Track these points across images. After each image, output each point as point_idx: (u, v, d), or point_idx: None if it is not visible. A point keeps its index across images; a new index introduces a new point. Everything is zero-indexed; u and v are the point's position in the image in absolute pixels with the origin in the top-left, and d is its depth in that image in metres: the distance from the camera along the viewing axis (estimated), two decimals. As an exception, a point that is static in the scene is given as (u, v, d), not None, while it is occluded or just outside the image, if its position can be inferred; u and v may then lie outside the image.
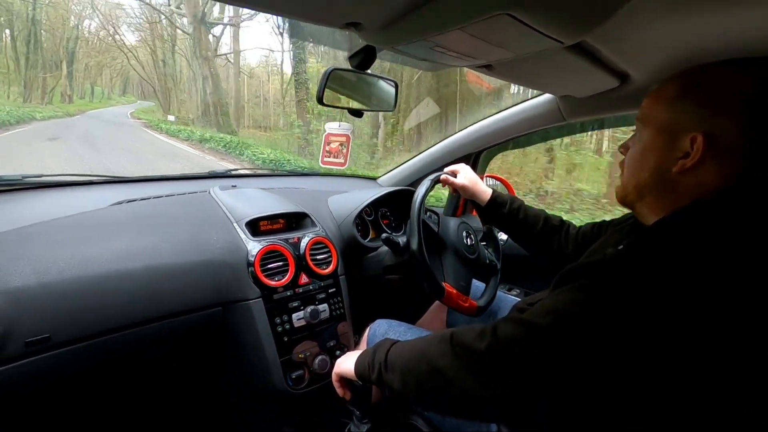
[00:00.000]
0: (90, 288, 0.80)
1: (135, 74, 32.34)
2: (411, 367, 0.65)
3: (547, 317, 0.53)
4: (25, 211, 0.96)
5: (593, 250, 0.78)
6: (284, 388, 0.98)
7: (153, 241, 0.93)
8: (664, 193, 0.60)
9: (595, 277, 0.53)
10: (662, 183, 0.60)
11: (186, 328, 0.92)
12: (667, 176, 0.59)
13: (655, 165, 0.60)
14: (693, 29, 0.63)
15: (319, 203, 1.32)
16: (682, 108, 0.58)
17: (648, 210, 0.63)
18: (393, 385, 0.67)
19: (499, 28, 0.56)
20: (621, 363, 0.50)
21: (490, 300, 1.08)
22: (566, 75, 0.92)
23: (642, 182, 0.63)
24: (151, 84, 23.49)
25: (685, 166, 0.56)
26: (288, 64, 18.16)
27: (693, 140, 0.55)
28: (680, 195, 0.58)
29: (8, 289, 0.72)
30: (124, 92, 34.89)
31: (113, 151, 9.95)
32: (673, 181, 0.58)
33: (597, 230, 0.94)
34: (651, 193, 0.62)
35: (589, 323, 0.51)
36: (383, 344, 0.74)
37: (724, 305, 0.47)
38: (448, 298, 0.96)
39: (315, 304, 1.06)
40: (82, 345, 0.78)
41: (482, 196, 1.05)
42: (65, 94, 22.94)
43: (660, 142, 0.60)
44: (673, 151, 0.58)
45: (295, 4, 0.59)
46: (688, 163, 0.56)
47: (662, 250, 0.52)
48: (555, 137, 3.58)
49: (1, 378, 0.70)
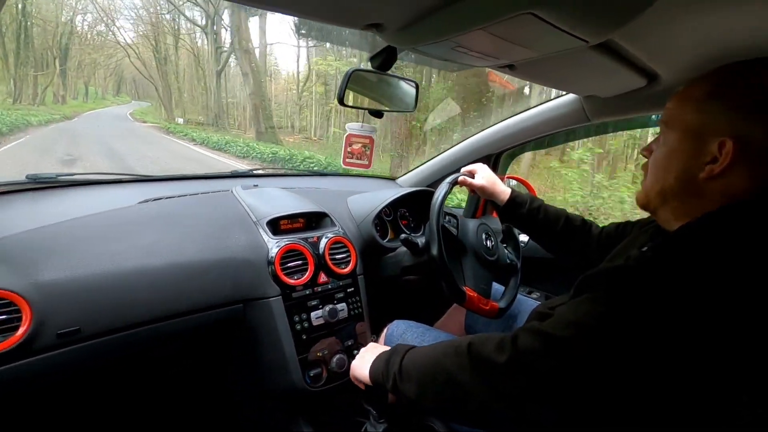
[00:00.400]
0: (118, 283, 0.83)
1: (129, 73, 30.60)
2: (427, 378, 0.64)
3: (567, 329, 0.52)
4: (58, 208, 1.00)
5: (617, 252, 0.76)
6: (303, 386, 0.99)
7: (177, 239, 0.95)
8: (690, 198, 0.58)
9: (617, 287, 0.52)
10: (688, 189, 0.57)
11: (208, 324, 0.94)
12: (693, 182, 0.56)
13: (680, 170, 0.58)
14: (724, 25, 0.61)
15: (339, 203, 1.33)
16: (710, 110, 0.55)
17: (671, 215, 0.61)
18: (409, 394, 0.66)
19: (523, 27, 0.55)
20: (641, 371, 0.49)
21: (511, 301, 1.07)
22: (591, 74, 0.90)
23: (666, 187, 0.60)
24: (153, 83, 22.37)
25: (713, 172, 0.54)
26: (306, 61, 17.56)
27: (722, 145, 0.53)
28: (707, 201, 0.56)
29: (41, 282, 0.75)
30: (118, 92, 33.12)
31: (154, 173, 8.81)
32: (700, 186, 0.56)
33: (621, 231, 0.92)
34: (676, 198, 0.60)
35: (611, 336, 0.49)
36: (398, 351, 0.73)
37: (751, 314, 0.46)
38: (469, 302, 0.96)
39: (333, 303, 1.07)
40: (109, 338, 0.81)
41: (501, 196, 1.04)
42: (58, 94, 21.25)
43: (686, 146, 0.57)
44: (700, 156, 0.55)
45: (317, 6, 0.60)
46: (716, 169, 0.53)
47: (689, 257, 0.50)
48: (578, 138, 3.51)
49: (33, 368, 0.73)
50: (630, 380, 0.50)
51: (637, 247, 0.69)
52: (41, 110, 16.07)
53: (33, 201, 1.02)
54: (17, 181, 1.07)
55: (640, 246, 0.67)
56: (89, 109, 22.21)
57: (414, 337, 1.03)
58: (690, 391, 0.50)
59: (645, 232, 0.75)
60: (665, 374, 0.49)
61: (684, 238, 0.55)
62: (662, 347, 0.48)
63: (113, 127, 15.66)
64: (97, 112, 22.00)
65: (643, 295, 0.49)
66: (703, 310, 0.46)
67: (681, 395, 0.50)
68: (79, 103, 24.18)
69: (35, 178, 1.09)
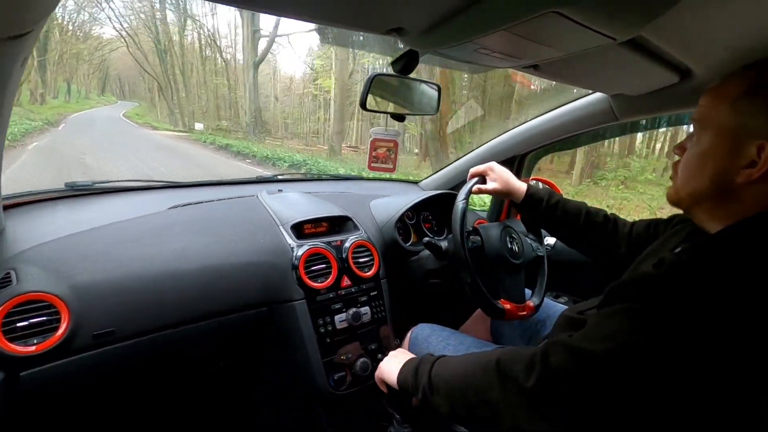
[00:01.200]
0: (150, 285, 0.86)
1: (114, 70, 27.64)
2: (457, 394, 0.64)
3: (599, 344, 0.50)
4: (94, 214, 1.04)
5: (648, 254, 0.73)
6: (327, 389, 1.00)
7: (206, 243, 0.98)
8: (725, 202, 0.55)
9: (649, 298, 0.50)
10: (723, 192, 0.55)
11: (235, 326, 0.96)
12: (728, 185, 0.54)
13: (715, 172, 0.55)
14: (761, 15, 0.58)
15: (362, 207, 1.34)
16: (747, 110, 0.52)
17: (707, 216, 0.58)
18: (441, 410, 0.66)
19: (547, 26, 0.54)
20: (674, 384, 0.48)
21: (542, 294, 1.06)
22: (620, 73, 0.87)
23: (699, 190, 0.57)
24: (156, 79, 19.55)
25: (751, 177, 0.51)
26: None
27: (761, 148, 0.50)
28: (744, 205, 0.53)
29: (78, 285, 0.79)
30: (103, 91, 29.43)
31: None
32: (736, 190, 0.53)
33: (654, 230, 0.88)
34: (709, 200, 0.57)
35: (645, 352, 0.48)
36: (426, 360, 0.73)
37: None
38: (508, 314, 0.95)
39: (357, 306, 1.08)
40: (142, 339, 0.84)
41: (518, 194, 1.01)
42: (35, 92, 17.35)
43: (721, 147, 0.54)
44: (736, 159, 0.52)
45: (339, 12, 0.61)
46: (755, 174, 0.51)
47: (724, 266, 0.48)
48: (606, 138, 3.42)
49: (69, 368, 0.76)
50: (662, 393, 0.49)
51: (669, 249, 0.67)
52: (17, 114, 11.36)
53: (71, 207, 1.07)
54: (56, 189, 1.12)
55: (673, 248, 0.65)
56: (74, 111, 18.76)
57: (439, 340, 1.02)
58: (718, 395, 0.48)
59: (677, 233, 0.72)
60: (698, 384, 0.47)
61: (719, 246, 0.53)
62: (697, 359, 0.46)
63: (120, 135, 12.80)
64: (88, 114, 18.76)
65: (677, 306, 0.47)
66: (735, 319, 0.45)
67: (709, 400, 0.48)
68: (60, 103, 20.65)
69: (73, 186, 1.14)
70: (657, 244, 0.75)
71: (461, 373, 0.65)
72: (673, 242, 0.69)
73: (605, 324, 0.52)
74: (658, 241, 0.75)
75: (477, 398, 0.60)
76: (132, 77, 28.41)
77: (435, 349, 1.01)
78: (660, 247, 0.72)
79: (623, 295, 0.54)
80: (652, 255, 0.72)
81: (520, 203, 1.02)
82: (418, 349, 1.04)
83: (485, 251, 1.00)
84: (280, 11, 0.61)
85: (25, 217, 0.98)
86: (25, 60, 0.63)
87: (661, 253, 0.67)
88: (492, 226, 1.05)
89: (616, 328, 0.50)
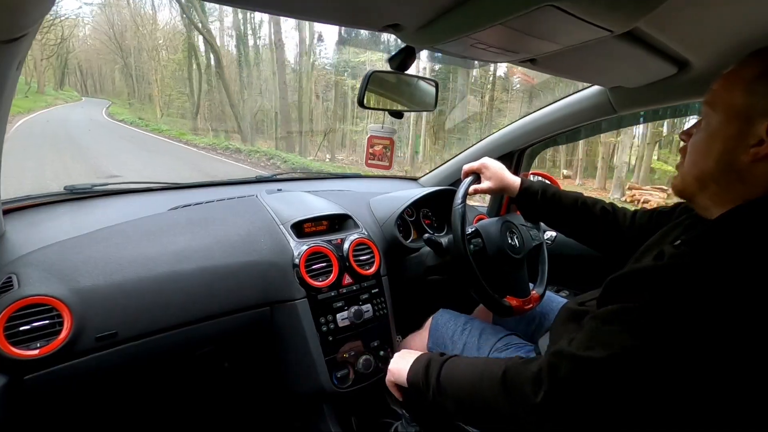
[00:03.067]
0: (152, 287, 0.86)
1: (74, 61, 22.32)
2: (465, 400, 0.65)
3: (601, 350, 0.51)
4: (94, 217, 1.04)
5: (649, 246, 0.73)
6: (330, 387, 1.00)
7: (207, 243, 0.98)
8: (731, 184, 0.55)
9: (647, 296, 0.50)
10: (729, 172, 0.55)
11: (237, 326, 0.97)
12: (735, 165, 0.54)
13: (722, 152, 0.55)
14: (758, 5, 0.58)
15: (361, 204, 1.34)
16: (761, 91, 0.52)
17: (711, 202, 0.58)
18: (450, 411, 0.67)
19: (543, 20, 0.54)
20: (679, 382, 0.48)
21: (545, 282, 1.08)
22: (617, 65, 0.87)
23: (706, 171, 0.58)
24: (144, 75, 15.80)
25: (758, 154, 0.51)
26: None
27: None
28: (750, 186, 0.53)
29: (80, 288, 0.79)
30: (62, 85, 23.34)
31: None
32: (743, 170, 0.54)
33: (656, 220, 0.88)
34: (716, 183, 0.57)
35: (647, 354, 0.48)
36: (435, 361, 0.74)
37: None
38: (516, 311, 0.96)
39: (358, 304, 1.08)
40: (144, 341, 0.84)
41: (513, 188, 1.01)
42: None
43: (731, 128, 0.54)
44: (745, 138, 0.53)
45: (336, 9, 0.60)
46: (762, 151, 0.51)
47: (728, 252, 0.48)
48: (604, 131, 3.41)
49: (72, 371, 0.76)
50: (669, 393, 0.49)
51: (669, 241, 0.66)
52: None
53: (71, 211, 1.07)
54: (56, 193, 1.12)
55: (673, 240, 0.65)
56: (25, 111, 14.05)
57: (456, 326, 1.04)
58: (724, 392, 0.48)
59: (679, 224, 0.72)
60: (704, 382, 0.47)
61: (721, 231, 0.53)
62: (701, 357, 0.46)
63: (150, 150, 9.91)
64: (50, 115, 14.54)
65: (676, 304, 0.47)
66: (737, 314, 0.44)
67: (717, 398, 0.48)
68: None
69: (72, 189, 1.14)
70: (658, 235, 0.74)
71: (468, 380, 0.66)
72: (675, 234, 0.69)
73: (605, 329, 0.52)
74: (659, 233, 0.75)
75: (484, 406, 0.62)
76: (96, 69, 23.26)
77: (453, 333, 1.02)
78: (661, 238, 0.72)
79: (621, 292, 0.54)
80: (654, 246, 0.71)
81: (515, 198, 1.02)
82: (439, 335, 1.05)
83: (487, 252, 1.00)
84: (276, 9, 0.61)
85: (25, 221, 0.98)
86: (20, 63, 0.63)
87: (661, 246, 0.67)
88: (491, 223, 1.05)
89: (616, 332, 0.50)
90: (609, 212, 0.96)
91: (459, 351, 0.98)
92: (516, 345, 0.96)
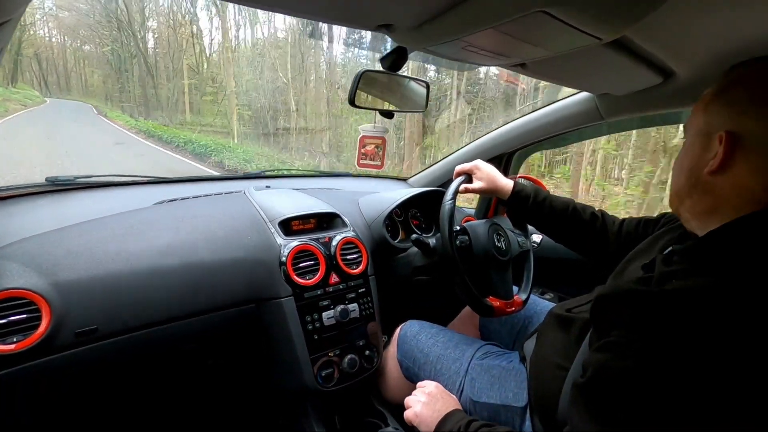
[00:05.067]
0: (134, 282, 0.84)
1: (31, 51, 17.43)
2: None
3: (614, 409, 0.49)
4: (77, 210, 1.02)
5: (637, 252, 0.74)
6: (314, 385, 1.00)
7: (192, 239, 0.96)
8: (700, 196, 0.58)
9: (646, 332, 0.49)
10: (696, 185, 0.58)
11: (222, 323, 0.95)
12: (700, 180, 0.57)
13: (689, 169, 0.59)
14: (741, 19, 0.59)
15: (350, 203, 1.33)
16: (714, 109, 0.57)
17: (689, 214, 0.61)
18: None
19: (534, 25, 0.55)
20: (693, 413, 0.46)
21: (530, 289, 1.08)
22: (605, 72, 0.88)
23: (680, 187, 0.62)
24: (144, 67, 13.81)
25: (713, 166, 0.54)
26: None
27: (719, 139, 0.54)
28: (718, 198, 0.55)
29: (60, 281, 0.77)
30: (14, 82, 17.24)
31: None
32: (707, 182, 0.56)
33: (643, 228, 0.90)
34: (689, 197, 0.60)
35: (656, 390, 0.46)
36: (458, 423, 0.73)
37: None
38: (497, 311, 0.97)
39: (345, 303, 1.07)
40: (126, 337, 0.83)
41: (504, 191, 1.02)
42: None
43: (696, 146, 0.59)
44: (706, 153, 0.57)
45: (329, 7, 0.60)
46: (715, 163, 0.54)
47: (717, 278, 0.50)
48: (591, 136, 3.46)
49: (51, 366, 0.74)
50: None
51: (658, 249, 0.68)
52: None
53: (52, 203, 1.05)
54: (37, 184, 1.09)
55: (662, 248, 0.66)
56: None
57: (428, 337, 1.03)
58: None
59: (667, 232, 0.74)
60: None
61: (707, 258, 0.54)
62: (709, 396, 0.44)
63: None
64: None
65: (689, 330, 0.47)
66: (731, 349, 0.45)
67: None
68: None
69: (54, 181, 1.12)
70: (646, 243, 0.76)
71: None
72: (662, 242, 0.71)
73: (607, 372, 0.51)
74: (646, 240, 0.77)
75: None
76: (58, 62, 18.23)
77: (424, 346, 1.02)
78: (649, 246, 0.73)
79: (614, 315, 0.55)
80: (642, 254, 0.73)
81: (506, 200, 1.03)
82: (408, 347, 1.05)
83: (473, 250, 1.01)
84: (267, 5, 0.60)
85: (3, 212, 0.95)
86: (2, 51, 0.62)
87: (650, 254, 0.69)
88: (479, 224, 1.06)
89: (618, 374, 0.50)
90: (598, 218, 0.98)
91: (432, 363, 0.98)
92: (495, 353, 0.97)
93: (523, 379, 0.86)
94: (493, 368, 0.91)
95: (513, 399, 0.84)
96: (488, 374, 0.90)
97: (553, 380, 0.73)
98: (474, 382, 0.90)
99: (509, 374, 0.89)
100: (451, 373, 0.94)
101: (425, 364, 0.99)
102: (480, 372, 0.91)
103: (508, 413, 0.84)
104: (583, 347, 0.69)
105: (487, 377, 0.90)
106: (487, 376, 0.90)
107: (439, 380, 0.93)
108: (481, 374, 0.91)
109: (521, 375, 0.87)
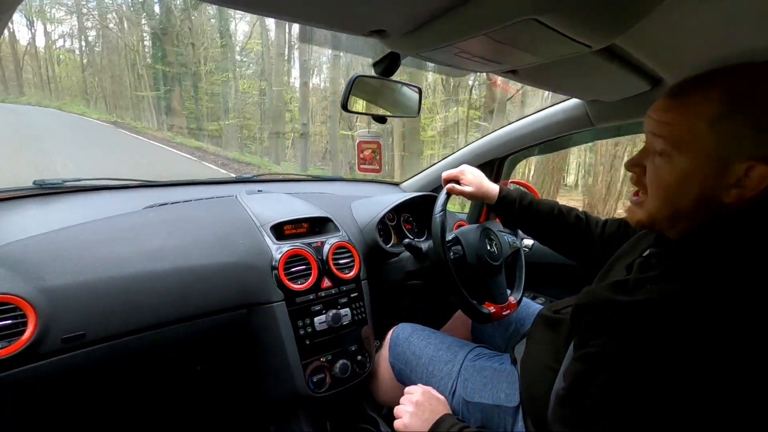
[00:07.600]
0: (123, 287, 0.83)
1: None
2: None
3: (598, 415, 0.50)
4: (65, 214, 1.01)
5: (620, 255, 0.75)
6: (306, 391, 0.99)
7: (182, 243, 0.95)
8: (706, 215, 0.54)
9: (627, 336, 0.50)
10: (707, 210, 0.53)
11: (213, 328, 0.94)
12: (716, 205, 0.52)
13: (700, 195, 0.52)
14: (728, 27, 0.61)
15: (342, 208, 1.33)
16: (729, 131, 0.49)
17: (676, 232, 0.58)
18: None
19: (525, 33, 0.55)
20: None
21: (522, 288, 1.10)
22: (595, 79, 0.90)
23: (681, 210, 0.55)
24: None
25: (743, 196, 0.49)
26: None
27: (750, 169, 0.48)
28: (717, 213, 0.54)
29: (47, 286, 0.76)
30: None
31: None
32: (724, 207, 0.52)
33: (624, 229, 0.90)
34: (691, 219, 0.55)
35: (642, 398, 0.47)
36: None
37: None
38: (494, 317, 0.98)
39: (337, 308, 1.07)
40: (114, 343, 0.81)
41: (490, 195, 1.03)
42: None
43: (706, 169, 0.51)
44: (723, 179, 0.50)
45: (321, 13, 0.60)
46: (747, 194, 0.49)
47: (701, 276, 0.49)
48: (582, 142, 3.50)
49: (37, 372, 0.73)
50: None
51: (638, 253, 0.69)
52: None
53: (40, 206, 1.03)
54: (24, 187, 1.08)
55: (641, 252, 0.67)
56: None
57: (420, 340, 1.03)
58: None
59: (643, 235, 0.74)
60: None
61: (691, 254, 0.54)
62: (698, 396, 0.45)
63: None
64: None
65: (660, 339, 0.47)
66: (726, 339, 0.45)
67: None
68: None
69: (42, 184, 1.10)
70: (627, 246, 0.76)
71: None
72: (643, 245, 0.71)
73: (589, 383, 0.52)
74: (628, 243, 0.77)
75: None
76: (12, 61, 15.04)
77: (416, 348, 1.02)
78: (630, 249, 0.74)
79: (593, 323, 0.55)
80: (624, 256, 0.74)
81: (493, 205, 1.04)
82: (400, 349, 1.05)
83: (467, 259, 1.02)
84: (259, 9, 0.60)
85: None
86: None
87: (632, 255, 0.69)
88: (471, 230, 1.07)
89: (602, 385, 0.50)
90: (582, 220, 0.98)
91: (425, 365, 0.98)
92: (488, 355, 0.98)
93: (514, 380, 0.86)
94: (485, 369, 0.92)
95: (505, 399, 0.84)
96: (480, 375, 0.91)
97: (543, 381, 0.73)
98: (467, 382, 0.90)
99: (501, 375, 0.89)
100: (444, 374, 0.94)
101: (417, 366, 0.99)
102: (472, 373, 0.92)
103: (500, 413, 0.84)
104: (572, 348, 0.69)
105: (479, 378, 0.90)
106: (479, 377, 0.90)
107: (432, 382, 0.94)
108: (474, 375, 0.91)
109: (513, 376, 0.88)
